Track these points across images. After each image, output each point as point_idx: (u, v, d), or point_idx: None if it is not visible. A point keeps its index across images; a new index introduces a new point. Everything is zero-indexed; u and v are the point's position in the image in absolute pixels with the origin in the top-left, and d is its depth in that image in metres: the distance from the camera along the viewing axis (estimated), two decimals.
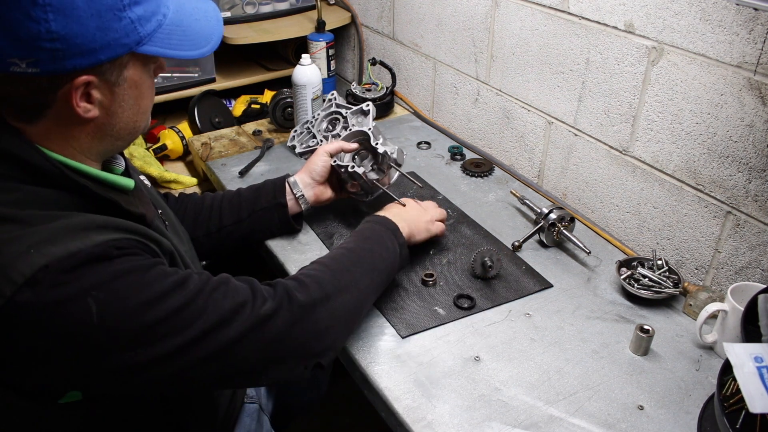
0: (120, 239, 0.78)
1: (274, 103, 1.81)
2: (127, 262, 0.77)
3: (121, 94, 0.83)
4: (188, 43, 0.85)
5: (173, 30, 0.84)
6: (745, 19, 1.04)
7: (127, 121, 0.86)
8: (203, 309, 0.81)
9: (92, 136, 0.84)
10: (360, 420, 1.91)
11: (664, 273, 1.21)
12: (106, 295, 0.74)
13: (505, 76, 1.60)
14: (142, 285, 0.77)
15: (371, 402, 1.04)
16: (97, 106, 0.81)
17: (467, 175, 1.63)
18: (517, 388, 1.00)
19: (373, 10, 2.07)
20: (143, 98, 0.87)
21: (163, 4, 0.83)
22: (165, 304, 0.78)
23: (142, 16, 0.79)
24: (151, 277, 0.78)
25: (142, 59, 0.83)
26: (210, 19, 0.90)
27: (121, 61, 0.80)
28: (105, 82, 0.80)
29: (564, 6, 1.37)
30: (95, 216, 0.80)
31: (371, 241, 1.10)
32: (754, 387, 0.77)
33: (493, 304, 1.18)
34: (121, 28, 0.77)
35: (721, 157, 1.14)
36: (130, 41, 0.78)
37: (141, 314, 0.76)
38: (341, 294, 0.97)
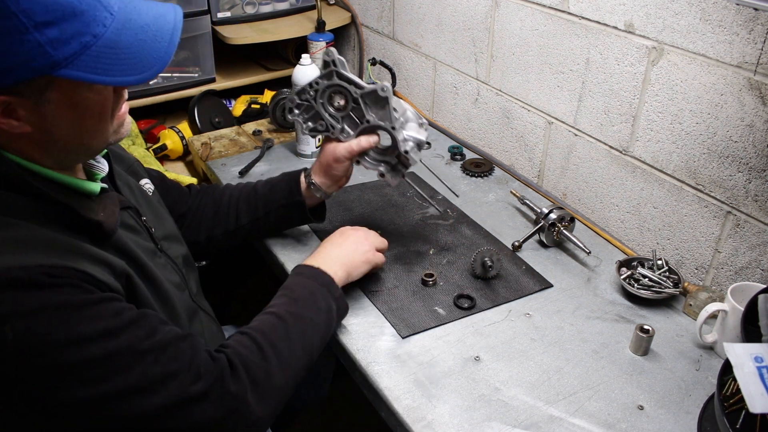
0: (56, 267, 0.73)
1: (274, 103, 1.81)
2: (57, 294, 0.72)
3: (51, 114, 0.76)
4: (122, 68, 0.75)
5: (104, 52, 0.74)
6: (745, 19, 1.04)
7: (68, 139, 0.80)
8: (126, 367, 0.76)
9: (38, 148, 0.79)
10: (360, 420, 1.91)
11: (664, 273, 1.21)
12: (26, 326, 0.70)
13: (505, 76, 1.60)
14: (67, 323, 0.72)
15: (371, 402, 1.04)
16: (26, 122, 0.75)
17: (467, 175, 1.63)
18: (517, 388, 1.00)
19: (373, 10, 2.07)
20: (84, 118, 0.79)
21: (95, 23, 0.73)
22: (84, 350, 0.73)
23: (57, 38, 0.70)
24: (80, 316, 0.73)
25: (65, 83, 0.74)
26: (160, 40, 0.79)
27: (38, 83, 0.73)
28: (25, 101, 0.74)
29: (564, 6, 1.37)
30: (42, 232, 0.76)
31: (303, 304, 1.01)
32: (754, 387, 0.77)
33: (493, 304, 1.18)
34: (25, 52, 0.69)
35: (721, 157, 1.14)
36: (39, 65, 0.70)
37: (56, 353, 0.72)
38: (273, 377, 0.90)
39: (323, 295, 1.04)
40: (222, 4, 2.00)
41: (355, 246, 1.15)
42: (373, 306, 1.17)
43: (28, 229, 0.75)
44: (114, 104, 0.83)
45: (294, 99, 1.23)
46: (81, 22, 0.72)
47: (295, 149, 1.71)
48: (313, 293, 1.03)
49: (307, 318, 0.99)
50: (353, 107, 1.19)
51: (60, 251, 0.76)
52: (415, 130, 1.21)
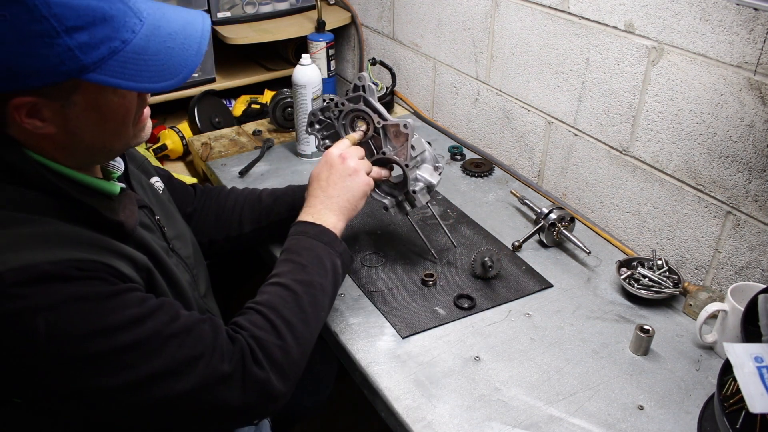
0: (83, 260, 0.75)
1: (274, 103, 1.81)
2: (86, 286, 0.74)
3: (75, 116, 0.77)
4: (149, 74, 0.77)
5: (132, 58, 0.75)
6: (745, 19, 1.04)
7: (92, 141, 0.81)
8: (154, 353, 0.78)
9: (61, 150, 0.81)
10: (360, 420, 1.91)
11: (664, 273, 1.21)
12: (57, 317, 0.72)
13: (505, 76, 1.60)
14: (96, 314, 0.74)
15: (371, 402, 1.04)
16: (50, 123, 0.77)
17: (467, 175, 1.63)
18: (517, 388, 1.00)
19: (373, 10, 2.07)
20: (108, 121, 0.80)
21: (124, 29, 0.75)
22: (114, 339, 0.75)
23: (86, 42, 0.71)
24: (108, 306, 0.75)
25: (92, 87, 0.76)
26: (188, 48, 0.80)
27: (65, 86, 0.74)
28: (52, 103, 0.75)
29: (564, 6, 1.37)
30: (67, 227, 0.78)
31: (310, 270, 1.00)
32: (754, 387, 0.77)
33: (493, 304, 1.18)
34: (55, 56, 0.70)
35: (721, 157, 1.14)
36: (68, 69, 0.72)
37: (88, 343, 0.73)
38: (291, 353, 0.91)
39: (328, 254, 1.03)
40: (222, 4, 2.00)
41: (348, 182, 1.10)
42: (373, 306, 1.17)
43: (54, 225, 0.77)
44: (138, 109, 0.84)
45: (317, 113, 1.25)
46: (110, 28, 0.74)
47: (295, 149, 1.71)
48: (318, 256, 1.02)
49: (316, 284, 0.99)
50: (373, 136, 1.20)
51: (86, 246, 0.77)
52: (428, 173, 1.21)
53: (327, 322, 1.14)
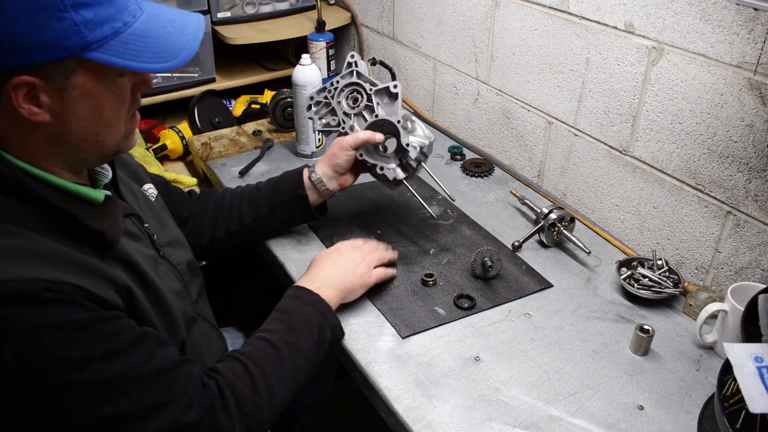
0: (57, 282, 0.72)
1: (274, 103, 1.81)
2: (57, 312, 0.72)
3: (72, 102, 0.77)
4: (149, 55, 0.78)
5: (134, 39, 0.77)
6: (745, 19, 1.04)
7: (85, 132, 0.80)
8: (121, 393, 0.76)
9: (49, 143, 0.79)
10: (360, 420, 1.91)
11: (664, 273, 1.21)
12: (26, 344, 0.69)
13: (505, 76, 1.60)
14: (66, 343, 0.72)
15: (371, 402, 1.04)
16: (46, 110, 0.76)
17: (467, 175, 1.63)
18: (517, 388, 1.00)
19: (373, 10, 2.07)
20: (103, 110, 0.80)
21: (126, 12, 0.78)
22: (82, 373, 0.73)
23: (91, 20, 0.73)
24: (79, 337, 0.73)
25: (94, 67, 0.76)
26: (186, 33, 0.83)
27: (66, 65, 0.74)
28: (51, 86, 0.75)
29: (564, 6, 1.37)
30: (43, 242, 0.75)
31: (299, 333, 1.00)
32: (754, 387, 0.77)
33: (493, 304, 1.18)
34: (61, 30, 0.72)
35: (721, 157, 1.14)
36: (72, 44, 0.73)
37: (54, 375, 0.71)
38: (262, 410, 0.90)
39: (319, 323, 1.02)
40: (222, 4, 2.00)
41: (353, 268, 1.14)
42: (373, 306, 1.17)
43: (28, 239, 0.74)
44: (131, 106, 0.85)
45: (314, 96, 1.31)
46: (114, 8, 0.76)
47: (295, 149, 1.71)
48: (309, 322, 1.02)
49: (301, 349, 0.98)
50: (366, 105, 1.27)
51: (61, 264, 0.75)
52: (421, 135, 1.27)
53: None
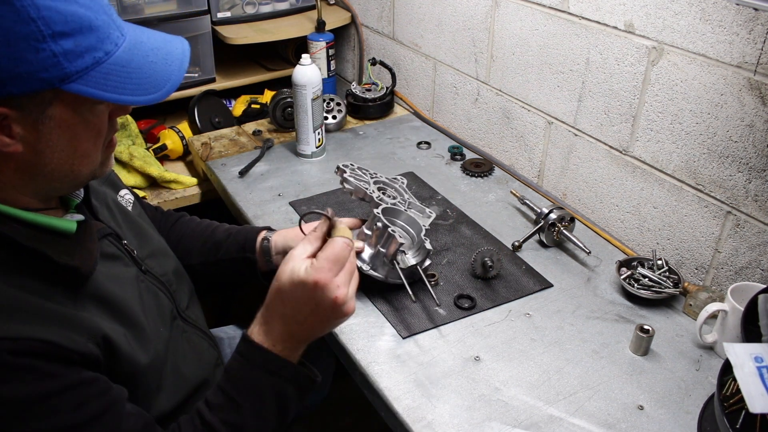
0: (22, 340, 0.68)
1: (274, 103, 1.81)
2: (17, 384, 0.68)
3: (48, 133, 0.73)
4: (131, 87, 0.74)
5: (115, 70, 0.73)
6: (745, 19, 1.04)
7: (60, 162, 0.76)
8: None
9: (20, 174, 0.75)
10: (360, 420, 1.91)
11: (664, 273, 1.21)
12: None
13: (505, 76, 1.60)
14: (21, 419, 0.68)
15: (371, 402, 1.04)
16: (19, 141, 0.72)
17: (467, 175, 1.63)
18: (517, 388, 1.00)
19: (373, 10, 2.07)
20: (80, 140, 0.76)
21: (108, 40, 0.74)
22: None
23: (71, 50, 0.69)
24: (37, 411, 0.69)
25: (70, 98, 0.72)
26: (170, 62, 0.79)
27: (43, 97, 0.71)
28: (26, 117, 0.71)
29: (564, 6, 1.37)
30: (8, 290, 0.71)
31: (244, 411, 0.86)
32: (754, 387, 0.77)
33: (493, 304, 1.18)
34: (39, 61, 0.68)
35: (721, 157, 1.14)
36: (50, 76, 0.69)
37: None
38: None
39: (273, 386, 0.87)
40: (222, 4, 2.00)
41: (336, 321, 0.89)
42: (373, 306, 1.17)
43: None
44: (108, 132, 0.81)
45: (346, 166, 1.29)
46: (95, 38, 0.72)
47: (295, 149, 1.71)
48: (260, 393, 0.87)
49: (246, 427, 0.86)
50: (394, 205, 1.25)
51: (28, 316, 0.71)
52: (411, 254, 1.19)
53: None
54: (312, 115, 1.63)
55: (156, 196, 1.72)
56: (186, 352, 0.99)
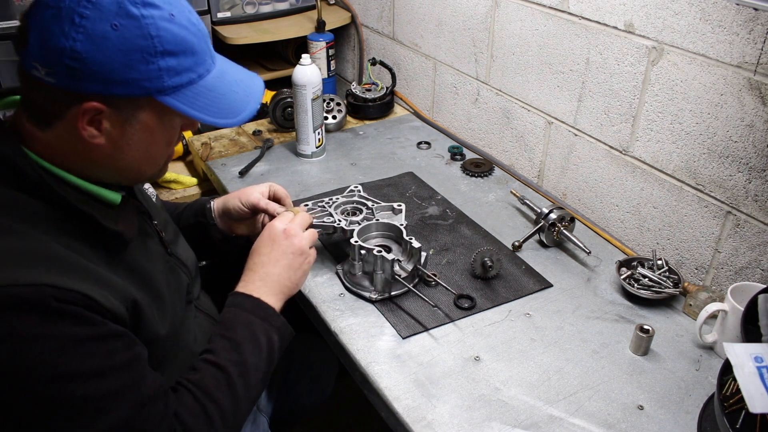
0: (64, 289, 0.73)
1: (274, 103, 1.81)
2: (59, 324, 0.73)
3: (131, 133, 0.82)
4: (214, 110, 0.85)
5: (203, 92, 0.84)
6: (745, 19, 1.04)
7: (132, 161, 0.86)
8: (103, 412, 0.76)
9: (93, 162, 0.83)
10: (360, 420, 1.91)
11: (664, 273, 1.21)
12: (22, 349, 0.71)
13: (505, 76, 1.60)
14: (62, 356, 0.73)
15: (371, 402, 1.04)
16: (104, 135, 0.81)
17: (467, 175, 1.63)
18: (517, 388, 1.00)
19: (373, 10, 2.07)
20: (155, 145, 0.86)
21: (202, 66, 0.84)
22: (71, 387, 0.74)
23: (173, 68, 0.80)
24: (75, 352, 0.74)
25: (159, 108, 0.82)
26: (249, 95, 0.90)
27: (138, 102, 0.80)
28: (117, 116, 0.80)
29: (564, 6, 1.37)
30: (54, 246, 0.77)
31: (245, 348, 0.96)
32: (754, 387, 0.77)
33: (493, 304, 1.18)
34: (146, 72, 0.78)
35: (721, 157, 1.14)
36: (151, 86, 0.79)
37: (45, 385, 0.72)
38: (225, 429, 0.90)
39: (264, 331, 0.99)
40: (222, 4, 2.00)
41: (293, 260, 1.07)
42: (373, 306, 1.17)
43: (38, 241, 0.76)
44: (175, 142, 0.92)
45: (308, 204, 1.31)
46: (193, 61, 0.82)
47: (295, 149, 1.71)
48: (253, 332, 0.98)
49: (249, 364, 0.96)
50: (366, 217, 1.28)
51: (69, 270, 0.76)
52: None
53: (327, 322, 1.14)
54: (312, 115, 1.63)
55: None
56: (197, 335, 1.04)
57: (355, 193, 1.35)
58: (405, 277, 1.17)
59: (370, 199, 1.32)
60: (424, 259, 1.19)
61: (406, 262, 1.20)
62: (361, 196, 1.33)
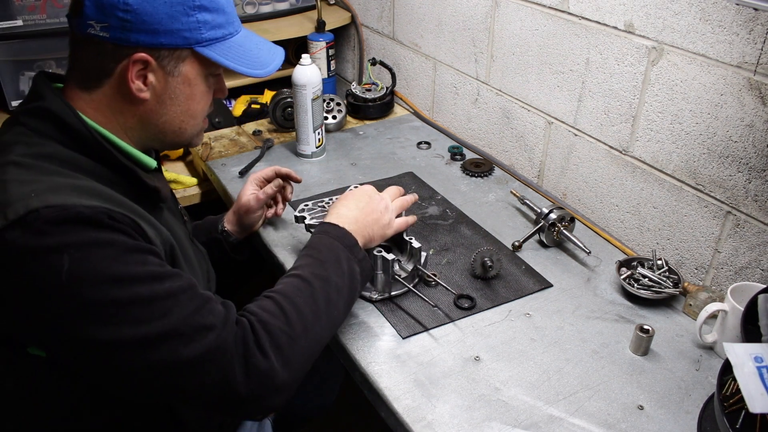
0: (117, 212, 0.80)
1: (274, 103, 1.81)
2: (113, 234, 0.79)
3: (174, 86, 0.91)
4: (245, 61, 0.94)
5: (234, 47, 0.93)
6: (745, 19, 1.04)
7: (174, 116, 0.94)
8: (168, 311, 0.79)
9: (138, 120, 0.92)
10: (360, 420, 1.91)
11: (664, 273, 1.21)
12: (82, 257, 0.75)
13: (505, 76, 1.60)
14: (118, 261, 0.77)
15: (371, 402, 1.04)
16: (150, 89, 0.89)
17: (467, 175, 1.63)
18: (517, 388, 1.00)
19: (373, 10, 2.07)
20: (194, 100, 0.94)
21: (232, 25, 0.94)
22: (133, 289, 0.77)
23: (209, 22, 0.89)
24: (131, 258, 0.79)
25: (199, 60, 0.91)
26: (274, 53, 1.00)
27: (180, 54, 0.89)
28: (161, 68, 0.88)
29: (564, 6, 1.37)
30: (103, 188, 0.84)
31: (329, 266, 1.00)
32: (754, 387, 0.77)
33: (493, 304, 1.18)
34: (187, 23, 0.87)
35: (721, 157, 1.14)
36: (191, 37, 0.88)
37: (107, 288, 0.76)
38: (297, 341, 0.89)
39: (347, 258, 1.02)
40: None
41: (378, 216, 1.12)
42: (373, 306, 1.17)
43: (92, 183, 0.84)
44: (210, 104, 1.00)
45: (307, 204, 1.31)
46: (224, 19, 0.92)
47: (295, 149, 1.71)
48: (338, 256, 1.02)
49: (332, 281, 0.98)
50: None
51: (120, 205, 0.83)
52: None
53: None
54: (312, 115, 1.63)
55: None
56: None
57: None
58: (405, 277, 1.17)
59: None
60: (424, 259, 1.19)
61: (406, 262, 1.20)
62: None
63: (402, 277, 1.16)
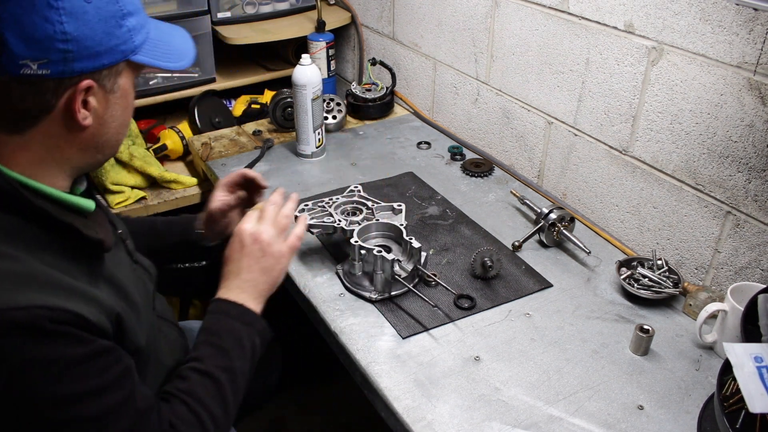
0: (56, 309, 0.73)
1: (274, 103, 1.81)
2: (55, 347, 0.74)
3: (114, 103, 0.84)
4: (168, 56, 0.89)
5: (155, 44, 0.87)
6: (745, 19, 1.04)
7: (113, 132, 0.86)
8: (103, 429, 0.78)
9: (78, 148, 0.83)
10: (360, 420, 1.91)
11: (664, 273, 1.21)
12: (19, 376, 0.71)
13: (505, 76, 1.60)
14: (59, 380, 0.74)
15: (371, 402, 1.04)
16: (92, 114, 0.81)
17: (467, 175, 1.63)
18: (517, 388, 1.00)
19: (373, 10, 2.07)
20: (128, 110, 0.88)
21: (147, 21, 0.87)
22: (70, 409, 0.75)
23: (135, 27, 0.83)
24: (72, 374, 0.75)
25: (133, 68, 0.85)
26: (184, 38, 0.94)
27: (117, 69, 0.82)
28: (102, 89, 0.81)
29: (564, 6, 1.37)
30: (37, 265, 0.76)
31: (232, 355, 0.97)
32: (754, 387, 0.77)
33: (493, 304, 1.18)
34: (121, 36, 0.80)
35: (721, 157, 1.14)
36: (126, 49, 0.82)
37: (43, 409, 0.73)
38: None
39: (248, 335, 1.00)
40: (222, 4, 2.00)
41: (265, 262, 1.05)
42: (373, 306, 1.17)
43: (24, 263, 0.75)
44: None
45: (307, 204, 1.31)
46: (143, 17, 0.86)
47: (295, 149, 1.71)
48: (239, 337, 1.00)
49: (237, 370, 0.97)
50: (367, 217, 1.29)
51: (59, 290, 0.76)
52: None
53: (327, 322, 1.14)
54: (312, 115, 1.63)
55: (156, 196, 1.72)
56: (160, 340, 1.04)
57: (355, 193, 1.35)
58: (405, 277, 1.17)
59: (370, 199, 1.33)
60: (424, 259, 1.19)
61: (406, 262, 1.20)
62: (361, 196, 1.34)
63: (402, 277, 1.16)
